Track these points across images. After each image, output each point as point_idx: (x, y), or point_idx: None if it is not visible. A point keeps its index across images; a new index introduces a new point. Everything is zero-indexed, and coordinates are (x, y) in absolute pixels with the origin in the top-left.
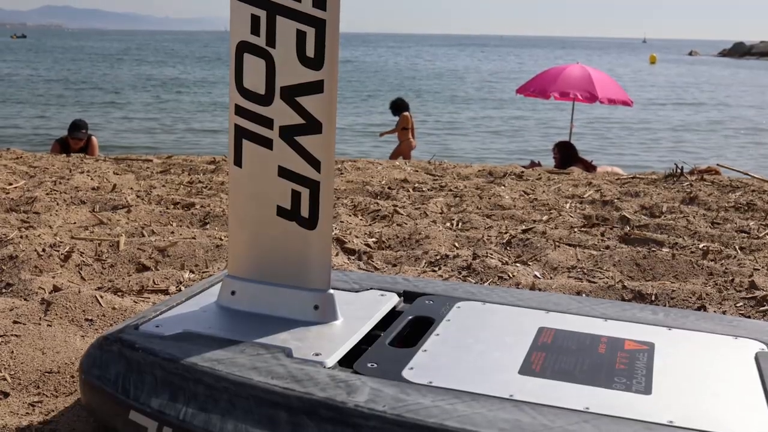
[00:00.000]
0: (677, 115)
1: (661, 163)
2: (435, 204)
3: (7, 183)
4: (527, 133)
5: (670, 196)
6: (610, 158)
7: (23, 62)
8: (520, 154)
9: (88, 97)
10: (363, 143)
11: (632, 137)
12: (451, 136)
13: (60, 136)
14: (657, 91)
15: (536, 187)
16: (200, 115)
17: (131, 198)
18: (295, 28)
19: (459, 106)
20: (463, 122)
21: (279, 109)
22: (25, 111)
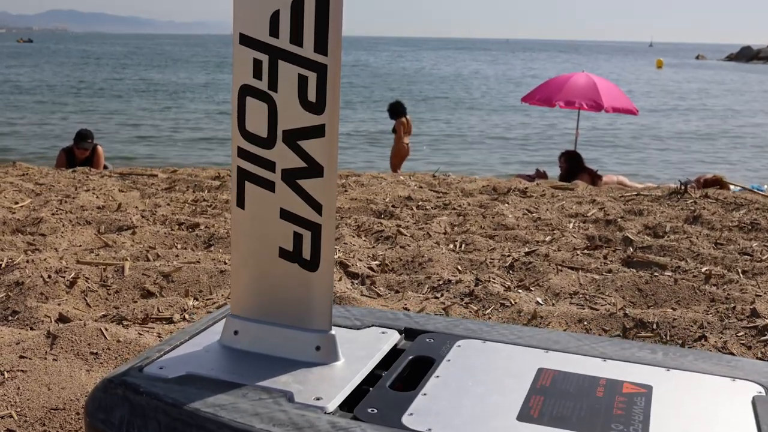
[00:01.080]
0: (684, 122)
1: (667, 170)
2: (438, 224)
3: (14, 202)
4: (533, 139)
5: (674, 214)
6: (616, 167)
7: (28, 67)
8: (525, 161)
9: (90, 103)
10: (371, 151)
11: (639, 145)
12: (456, 142)
13: (66, 145)
14: (664, 97)
15: (540, 204)
16: (204, 121)
17: (136, 218)
18: (297, 72)
19: (464, 111)
20: (468, 128)
21: (281, 153)
22: (27, 117)
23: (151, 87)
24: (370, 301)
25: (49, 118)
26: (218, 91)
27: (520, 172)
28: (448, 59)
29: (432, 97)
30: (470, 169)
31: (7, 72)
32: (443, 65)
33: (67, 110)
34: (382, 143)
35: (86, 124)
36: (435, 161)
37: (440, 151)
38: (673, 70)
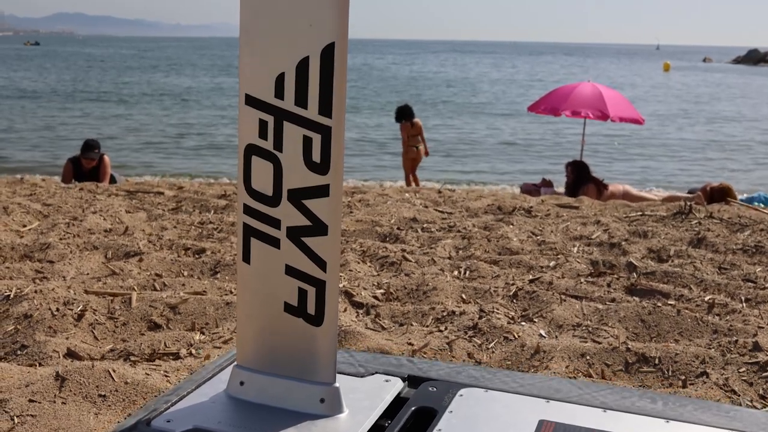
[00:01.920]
0: (692, 127)
1: (674, 178)
2: (443, 247)
3: (22, 224)
4: (540, 145)
5: (678, 236)
6: (622, 175)
7: (33, 71)
8: (532, 168)
9: (95, 108)
10: (377, 156)
11: (645, 152)
12: (463, 149)
13: (72, 155)
14: (671, 101)
15: (544, 226)
16: (211, 127)
17: (143, 243)
18: (302, 134)
19: (471, 115)
20: (475, 133)
21: (286, 211)
22: (31, 122)
23: (157, 91)
24: (375, 335)
25: (53, 123)
26: (223, 96)
27: (526, 181)
28: (454, 62)
29: (439, 101)
30: (477, 177)
31: (13, 75)
32: (450, 68)
33: (72, 115)
34: (389, 148)
35: (91, 130)
36: (443, 169)
37: (449, 158)
38: (681, 74)
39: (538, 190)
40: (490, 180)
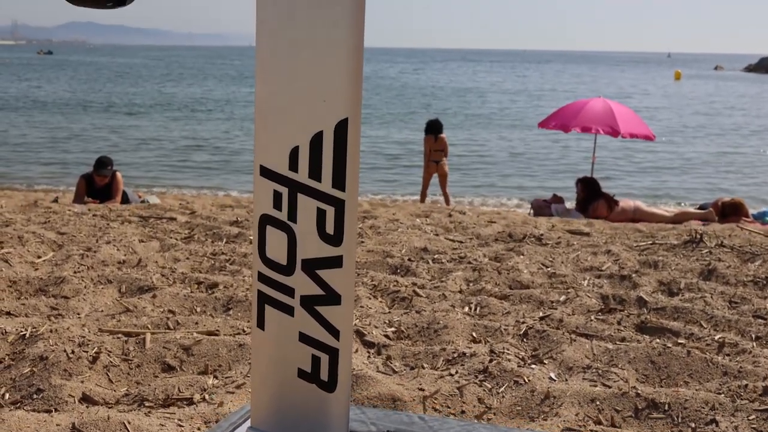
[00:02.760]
0: (705, 139)
1: (686, 191)
2: (454, 281)
3: (36, 255)
4: (550, 159)
5: (689, 266)
6: (633, 190)
7: (45, 80)
8: (543, 183)
9: (107, 118)
10: (393, 172)
11: (657, 166)
12: (473, 162)
13: (86, 171)
14: (683, 112)
15: (555, 256)
16: (222, 141)
17: (156, 278)
18: (316, 206)
19: (481, 128)
20: (485, 147)
21: (300, 280)
22: (41, 134)
23: (168, 101)
24: (386, 379)
25: (63, 135)
26: (236, 107)
27: (537, 197)
28: (464, 71)
29: (449, 111)
30: (488, 191)
31: (25, 86)
32: (461, 78)
33: (84, 126)
34: (400, 160)
35: (102, 142)
36: (453, 181)
37: (459, 171)
38: (692, 82)
39: (549, 206)
40: (500, 194)
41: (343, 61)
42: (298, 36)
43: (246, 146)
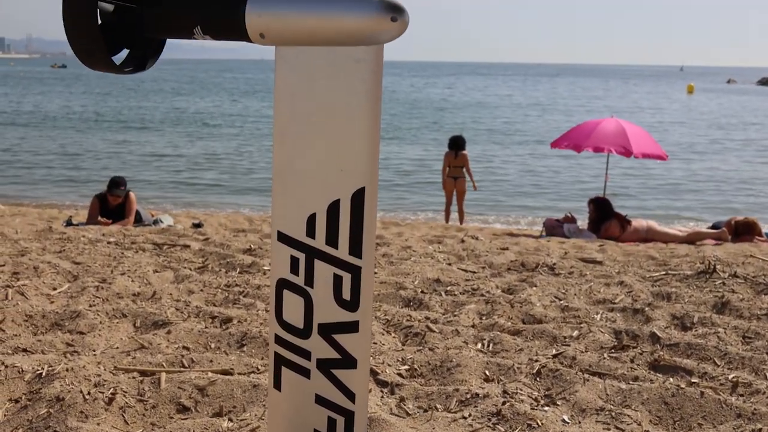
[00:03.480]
0: (720, 155)
1: (699, 211)
2: (467, 314)
3: (52, 287)
4: (563, 178)
5: (702, 299)
6: (646, 208)
7: (56, 94)
8: (556, 203)
9: (119, 133)
10: (406, 188)
11: (670, 184)
12: (486, 178)
13: (99, 191)
14: (696, 128)
15: (567, 287)
16: (233, 158)
17: (171, 312)
18: (333, 272)
19: (494, 144)
20: (497, 163)
21: (316, 344)
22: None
23: (180, 116)
24: (400, 422)
25: (75, 151)
26: (247, 121)
27: (549, 217)
28: (476, 85)
29: (462, 126)
30: (500, 210)
31: (38, 99)
32: (473, 91)
33: (94, 141)
34: (413, 177)
35: (113, 158)
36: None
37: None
38: (705, 96)
39: (561, 225)
40: (513, 212)
41: (360, 132)
42: (316, 105)
43: (258, 164)
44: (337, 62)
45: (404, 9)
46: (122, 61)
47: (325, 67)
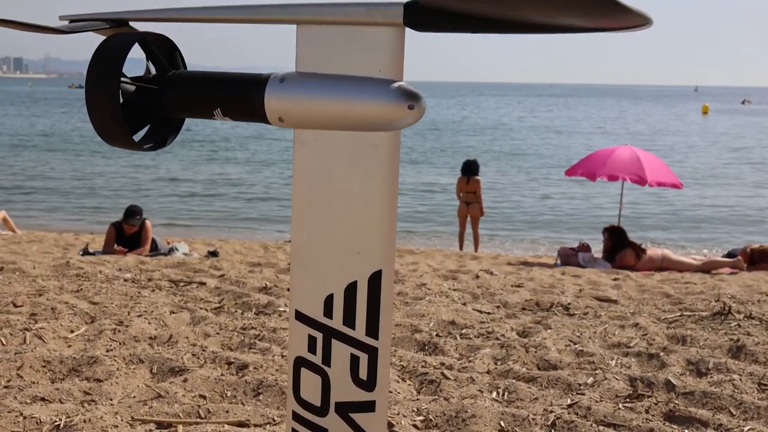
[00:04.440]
0: (734, 183)
1: (716, 237)
2: (482, 360)
3: (69, 330)
4: (577, 205)
5: (717, 342)
6: (661, 235)
7: (71, 114)
8: (570, 232)
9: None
10: (417, 213)
11: (685, 212)
12: (500, 204)
13: (116, 220)
14: (712, 152)
15: (583, 329)
16: (246, 181)
17: (187, 358)
18: (350, 352)
19: (509, 168)
20: (514, 189)
21: (334, 422)
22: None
23: (194, 138)
24: None
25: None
26: (262, 144)
27: (564, 245)
28: (490, 105)
29: (479, 150)
30: (515, 235)
31: (56, 119)
32: (487, 112)
33: (109, 163)
34: (427, 200)
35: (127, 182)
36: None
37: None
38: (720, 118)
39: (576, 254)
40: (527, 237)
41: (377, 215)
42: (333, 188)
43: (272, 188)
44: (355, 146)
45: (421, 96)
46: (142, 137)
47: (342, 151)
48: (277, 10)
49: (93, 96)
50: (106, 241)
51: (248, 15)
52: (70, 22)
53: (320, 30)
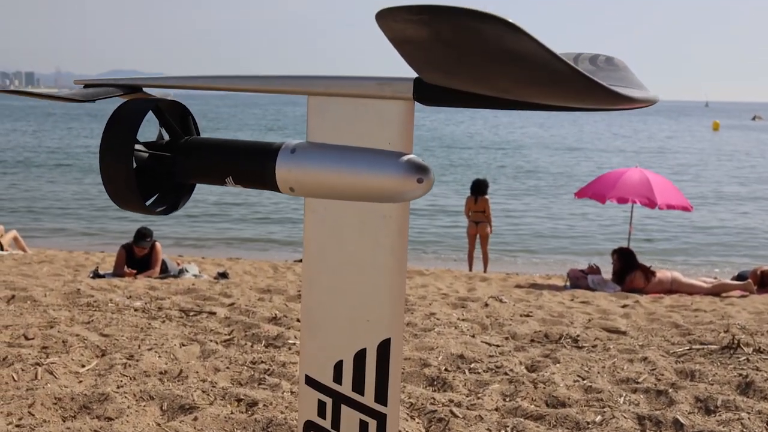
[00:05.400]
0: (745, 203)
1: (726, 260)
2: (490, 396)
3: (80, 365)
4: (587, 226)
5: (726, 378)
6: (671, 257)
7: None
8: (579, 251)
9: None
10: (420, 232)
11: (696, 233)
12: (509, 225)
13: (126, 242)
14: (724, 169)
15: (591, 364)
16: (259, 202)
17: (197, 394)
18: (359, 417)
19: (520, 187)
20: (523, 208)
21: None
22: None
23: None
24: None
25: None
26: None
27: (573, 267)
28: (500, 122)
29: (489, 168)
30: (524, 257)
31: (65, 134)
32: (498, 128)
33: None
34: (436, 220)
35: None
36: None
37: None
38: (731, 134)
39: (586, 276)
40: (536, 259)
41: (386, 285)
42: (343, 257)
43: (281, 208)
44: (364, 217)
45: (430, 170)
46: (154, 201)
47: (352, 220)
48: (291, 82)
49: (107, 164)
50: (116, 263)
51: (262, 85)
52: (85, 87)
53: (331, 101)
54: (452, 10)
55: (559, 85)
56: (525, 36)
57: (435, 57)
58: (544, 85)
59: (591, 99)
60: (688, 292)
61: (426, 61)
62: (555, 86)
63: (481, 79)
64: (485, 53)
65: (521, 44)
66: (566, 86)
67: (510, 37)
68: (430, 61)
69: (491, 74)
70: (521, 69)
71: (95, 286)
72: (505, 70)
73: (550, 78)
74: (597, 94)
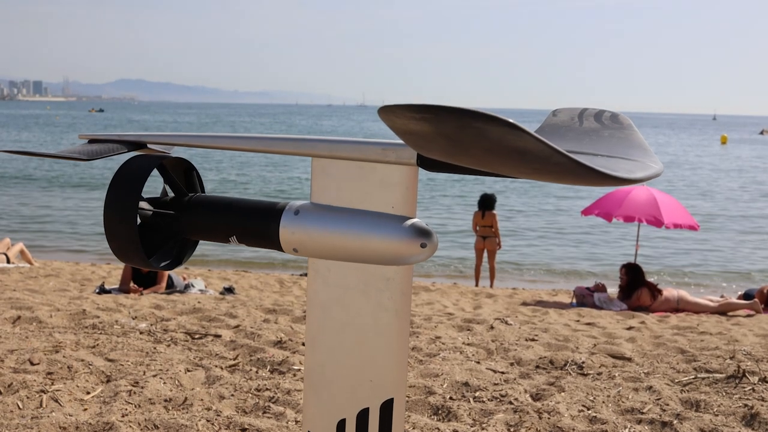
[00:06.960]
0: (754, 220)
1: (732, 279)
2: (495, 427)
3: (85, 391)
4: (595, 242)
5: (731, 408)
6: (678, 275)
7: None
8: (586, 266)
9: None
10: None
11: (703, 251)
12: (517, 238)
13: None
14: (733, 186)
15: (596, 393)
16: None
17: (201, 424)
18: None
19: (527, 203)
20: (530, 225)
21: None
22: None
23: (211, 167)
24: None
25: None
26: (281, 171)
27: (579, 284)
28: None
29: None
30: (530, 275)
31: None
32: None
33: None
34: (441, 234)
35: None
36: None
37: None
38: (740, 149)
39: (592, 294)
40: (543, 277)
41: (389, 345)
42: (346, 318)
43: None
44: (368, 278)
45: (433, 234)
46: (158, 256)
47: (355, 282)
48: (295, 144)
49: (111, 221)
50: (122, 277)
51: (266, 146)
52: (89, 142)
53: (335, 164)
54: (455, 111)
55: (562, 175)
56: (527, 135)
57: (437, 146)
58: (546, 174)
59: (596, 182)
60: (695, 310)
61: (428, 149)
62: (558, 175)
63: (483, 166)
64: (488, 149)
65: (524, 142)
66: (570, 175)
67: (512, 137)
68: (433, 150)
69: (494, 164)
70: (523, 162)
71: (101, 304)
72: (507, 162)
73: (553, 169)
74: (602, 180)
